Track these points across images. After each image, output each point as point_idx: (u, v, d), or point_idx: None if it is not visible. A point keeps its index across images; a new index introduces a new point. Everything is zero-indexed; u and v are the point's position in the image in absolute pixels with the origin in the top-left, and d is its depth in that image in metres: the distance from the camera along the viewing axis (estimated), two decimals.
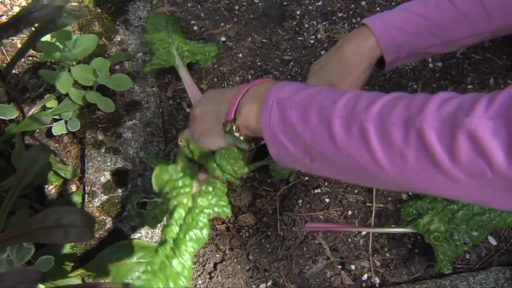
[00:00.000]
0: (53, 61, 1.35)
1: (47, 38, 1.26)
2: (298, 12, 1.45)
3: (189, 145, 0.93)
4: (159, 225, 1.14)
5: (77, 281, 1.10)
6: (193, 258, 1.15)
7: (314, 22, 1.44)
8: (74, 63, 1.26)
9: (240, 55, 1.41)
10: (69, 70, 1.20)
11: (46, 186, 1.28)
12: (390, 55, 0.93)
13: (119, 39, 1.38)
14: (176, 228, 0.88)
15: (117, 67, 1.35)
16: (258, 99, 0.74)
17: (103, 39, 1.37)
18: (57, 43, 1.13)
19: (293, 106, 0.68)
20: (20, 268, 0.80)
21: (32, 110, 1.23)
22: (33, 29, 1.03)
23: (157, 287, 0.80)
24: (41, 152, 0.96)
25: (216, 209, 0.92)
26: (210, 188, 0.93)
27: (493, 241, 1.20)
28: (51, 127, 1.26)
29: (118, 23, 1.40)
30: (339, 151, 0.63)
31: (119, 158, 1.27)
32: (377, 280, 1.18)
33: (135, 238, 1.20)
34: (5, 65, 1.33)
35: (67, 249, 1.13)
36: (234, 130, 0.79)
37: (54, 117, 1.24)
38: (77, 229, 0.74)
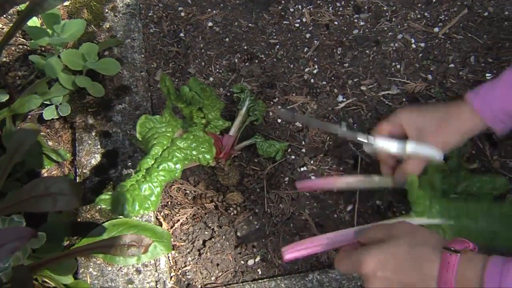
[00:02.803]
0: (43, 48, 1.38)
1: (36, 23, 1.28)
2: None
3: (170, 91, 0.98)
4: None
5: (73, 261, 1.13)
6: (182, 236, 1.18)
7: (299, 6, 1.47)
8: (64, 49, 1.29)
9: (227, 39, 1.44)
10: (59, 56, 1.23)
11: (39, 170, 1.31)
12: (499, 125, 0.94)
13: (108, 26, 1.41)
14: (152, 161, 0.92)
15: (106, 53, 1.38)
16: (470, 285, 0.67)
17: (92, 26, 1.40)
18: (46, 29, 1.16)
19: None
20: (12, 227, 0.83)
21: (22, 95, 1.26)
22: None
23: (122, 204, 0.85)
24: (30, 131, 0.99)
25: (194, 152, 0.96)
26: (191, 136, 0.96)
27: None
28: (43, 113, 1.29)
29: (106, 10, 1.43)
30: None
31: (109, 141, 1.30)
32: None
33: (126, 219, 1.23)
34: None
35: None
36: None
37: (45, 102, 1.27)
38: (65, 197, 0.77)
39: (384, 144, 1.00)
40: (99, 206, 1.22)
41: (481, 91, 0.95)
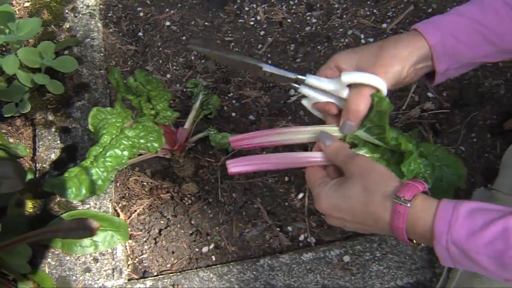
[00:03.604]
0: (3, 48, 1.42)
1: None
2: None
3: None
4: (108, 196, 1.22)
5: (27, 248, 1.17)
6: (139, 226, 1.22)
7: (254, 5, 1.53)
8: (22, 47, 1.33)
9: (184, 37, 1.49)
10: (16, 54, 1.27)
11: None
12: (443, 65, 0.82)
13: (68, 26, 1.46)
14: (100, 149, 0.96)
15: (67, 52, 1.42)
16: (421, 232, 0.68)
17: (52, 26, 1.45)
18: (1, 26, 1.20)
19: (481, 252, 0.63)
20: None
21: None
22: None
23: (69, 188, 0.88)
24: None
25: (142, 141, 1.00)
26: (140, 126, 1.01)
27: None
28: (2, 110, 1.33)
29: (66, 11, 1.48)
30: None
31: (68, 136, 1.35)
32: (313, 240, 1.26)
33: (84, 209, 1.27)
34: None
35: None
36: None
37: (4, 100, 1.31)
38: (9, 180, 0.81)
39: (317, 82, 0.84)
40: (58, 199, 1.27)
41: (427, 20, 0.84)
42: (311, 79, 0.85)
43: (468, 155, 1.32)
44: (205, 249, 1.26)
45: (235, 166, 0.83)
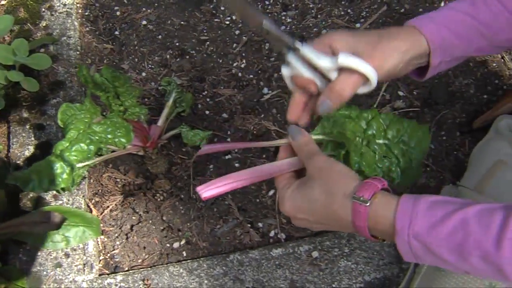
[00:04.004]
0: None
1: None
2: None
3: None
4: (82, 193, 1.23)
5: None
6: (111, 222, 1.24)
7: None
8: None
9: (160, 36, 1.51)
10: None
11: None
12: (437, 58, 0.82)
13: (44, 24, 1.48)
14: (67, 144, 0.97)
15: (42, 50, 1.44)
16: (384, 229, 0.69)
17: (28, 24, 1.46)
18: None
19: (441, 244, 0.64)
20: None
21: None
22: None
23: (32, 180, 0.90)
24: None
25: (110, 136, 1.01)
26: (109, 122, 1.03)
27: None
28: None
29: (43, 9, 1.50)
30: (503, 278, 0.63)
31: (43, 133, 1.36)
32: (283, 236, 1.28)
33: (56, 205, 1.28)
34: None
35: None
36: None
37: None
38: None
39: (311, 55, 0.78)
40: (31, 195, 1.28)
41: (421, 16, 0.84)
42: (307, 50, 0.78)
43: (437, 153, 1.35)
44: (176, 245, 1.27)
45: (207, 191, 0.79)
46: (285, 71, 0.82)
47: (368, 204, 0.68)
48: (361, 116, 0.85)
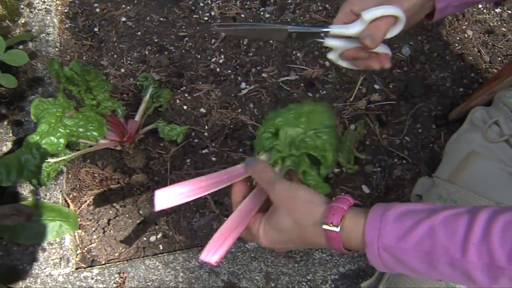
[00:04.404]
0: None
1: None
2: None
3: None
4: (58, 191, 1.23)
5: None
6: (89, 216, 1.24)
7: (209, 0, 1.56)
8: None
9: (139, 33, 1.52)
10: None
11: None
12: (442, 3, 0.83)
13: (23, 21, 1.49)
14: (37, 137, 0.98)
15: (21, 46, 1.45)
16: (356, 244, 0.69)
17: (7, 21, 1.47)
18: None
19: (410, 254, 0.64)
20: None
21: None
22: None
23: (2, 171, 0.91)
24: None
25: (81, 129, 1.02)
26: (81, 115, 1.03)
27: (366, 190, 1.32)
28: None
29: (22, 6, 1.51)
30: (472, 283, 0.63)
31: (21, 129, 1.37)
32: None
33: (34, 200, 1.29)
34: None
35: None
36: None
37: None
38: None
39: (341, 30, 0.82)
40: (8, 191, 1.29)
41: None
42: (335, 29, 0.82)
43: (413, 146, 1.35)
44: (152, 238, 1.28)
45: (162, 202, 0.76)
46: (332, 56, 0.86)
47: (338, 229, 0.69)
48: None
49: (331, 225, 0.69)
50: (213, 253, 0.76)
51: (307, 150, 0.78)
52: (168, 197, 0.76)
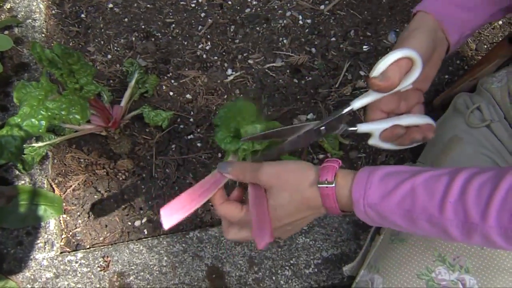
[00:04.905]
0: None
1: None
2: None
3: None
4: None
5: None
6: (74, 201, 1.25)
7: None
8: None
9: (126, 19, 1.52)
10: None
11: None
12: (455, 36, 0.83)
13: (8, 7, 1.48)
14: (18, 119, 0.99)
15: (6, 32, 1.44)
16: (346, 202, 0.73)
17: None
18: None
19: (393, 211, 0.68)
20: None
21: None
22: None
23: None
24: None
25: (63, 112, 1.02)
26: (63, 99, 1.04)
27: None
28: None
29: None
30: (449, 239, 0.67)
31: (6, 115, 1.37)
32: None
33: (19, 185, 1.29)
34: None
35: None
36: None
37: None
38: None
39: (361, 100, 0.81)
40: None
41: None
42: (356, 103, 0.81)
43: None
44: (137, 223, 1.28)
45: (168, 219, 0.77)
46: (373, 141, 0.85)
47: (333, 185, 0.72)
48: None
49: (326, 182, 0.72)
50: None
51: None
52: (172, 213, 0.77)
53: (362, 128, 0.83)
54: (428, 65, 0.83)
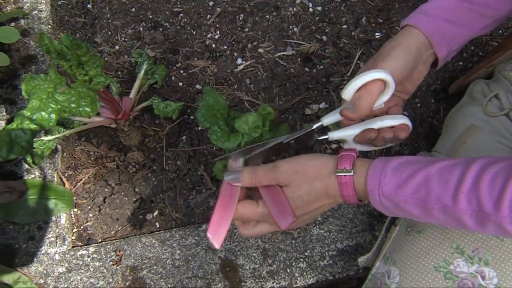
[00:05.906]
0: None
1: None
2: None
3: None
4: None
5: None
6: (84, 195, 1.23)
7: None
8: None
9: (133, 9, 1.49)
10: None
11: None
12: (443, 51, 0.85)
13: None
14: (28, 113, 0.97)
15: (13, 24, 1.42)
16: (362, 191, 0.75)
17: None
18: None
19: (407, 201, 0.69)
20: None
21: None
22: None
23: None
24: None
25: (73, 105, 1.01)
26: (73, 91, 1.02)
27: None
28: None
29: None
30: (464, 228, 0.68)
31: (15, 108, 1.35)
32: None
33: (28, 179, 1.28)
34: None
35: None
36: None
37: None
38: None
39: (331, 117, 0.85)
40: (3, 170, 1.28)
41: (413, 13, 0.87)
42: (326, 119, 0.85)
43: (412, 120, 1.33)
44: (149, 216, 1.27)
45: (217, 239, 0.79)
46: (347, 147, 0.87)
47: (352, 173, 0.74)
48: None
49: (344, 170, 0.74)
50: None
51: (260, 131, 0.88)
52: (216, 232, 0.79)
53: (333, 135, 0.86)
54: (408, 80, 0.86)
